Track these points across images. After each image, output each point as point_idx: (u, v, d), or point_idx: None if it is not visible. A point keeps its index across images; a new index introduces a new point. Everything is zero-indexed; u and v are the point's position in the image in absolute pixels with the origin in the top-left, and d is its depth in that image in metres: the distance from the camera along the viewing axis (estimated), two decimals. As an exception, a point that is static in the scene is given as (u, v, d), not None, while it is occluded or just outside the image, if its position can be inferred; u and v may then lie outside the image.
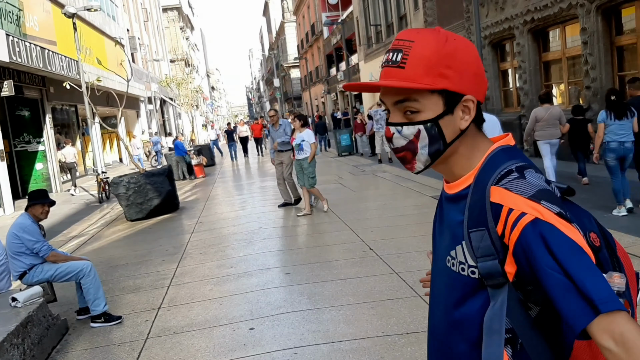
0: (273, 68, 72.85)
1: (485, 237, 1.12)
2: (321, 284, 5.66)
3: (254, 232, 8.67)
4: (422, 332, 4.20)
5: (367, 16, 28.77)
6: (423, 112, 1.17)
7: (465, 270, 1.17)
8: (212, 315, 5.11)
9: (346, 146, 22.15)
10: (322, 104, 49.31)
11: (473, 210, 1.15)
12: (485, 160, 1.19)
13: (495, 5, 14.97)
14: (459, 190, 1.22)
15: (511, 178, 1.11)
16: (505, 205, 1.09)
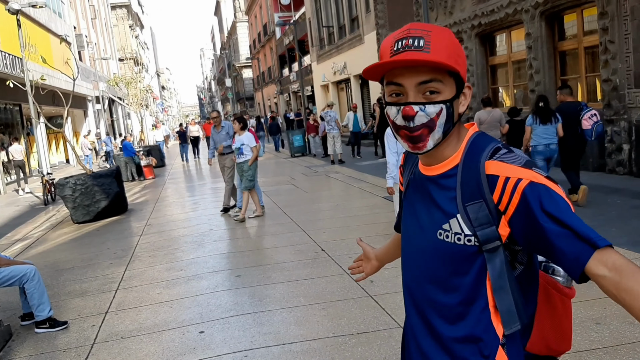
0: (225, 68, 72.23)
1: (482, 207, 1.28)
2: (272, 286, 5.65)
3: (205, 234, 8.57)
4: (372, 332, 4.24)
5: (320, 17, 28.87)
6: (443, 93, 1.31)
7: (461, 240, 1.31)
8: (161, 319, 5.03)
9: (299, 147, 22.16)
10: (275, 104, 49.22)
11: (467, 186, 1.31)
12: (468, 143, 1.36)
13: (444, 9, 15.27)
14: (446, 171, 1.36)
15: (502, 153, 1.29)
16: (501, 175, 1.25)
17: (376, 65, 1.30)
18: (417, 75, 1.28)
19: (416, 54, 1.27)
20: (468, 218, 1.30)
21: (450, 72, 1.31)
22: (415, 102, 1.30)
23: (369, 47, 21.90)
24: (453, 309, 1.37)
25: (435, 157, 1.39)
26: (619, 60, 9.50)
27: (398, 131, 1.36)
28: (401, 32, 1.32)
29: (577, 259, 1.18)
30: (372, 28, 21.13)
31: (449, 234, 1.33)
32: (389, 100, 1.36)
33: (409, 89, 1.30)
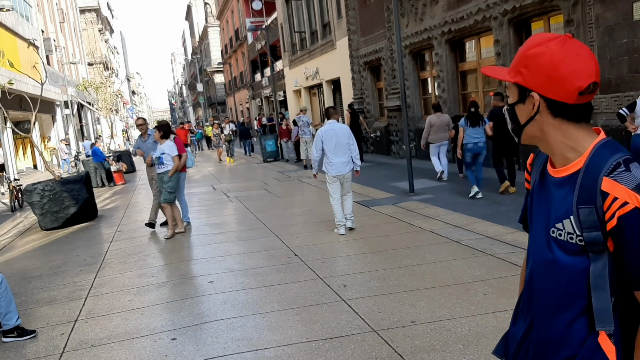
0: (196, 72, 71.75)
1: (592, 213, 1.40)
2: (245, 292, 5.63)
3: (176, 240, 8.49)
4: (345, 336, 4.26)
5: (292, 23, 28.91)
6: (510, 98, 1.57)
7: (573, 239, 1.45)
8: (132, 327, 4.97)
9: (271, 152, 22.13)
10: (247, 109, 49.05)
11: (584, 191, 1.43)
12: (592, 151, 1.46)
13: (415, 16, 15.44)
14: (569, 174, 1.49)
15: (619, 171, 1.38)
16: (611, 194, 1.37)
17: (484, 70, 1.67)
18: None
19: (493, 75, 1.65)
20: (579, 220, 1.43)
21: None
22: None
23: (340, 53, 22.01)
24: (558, 299, 1.51)
25: (554, 157, 1.55)
26: (584, 67, 9.71)
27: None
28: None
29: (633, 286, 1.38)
30: (344, 34, 21.23)
31: (561, 232, 1.48)
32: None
33: None
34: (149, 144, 9.42)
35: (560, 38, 1.46)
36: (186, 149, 9.15)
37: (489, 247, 6.31)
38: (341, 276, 5.81)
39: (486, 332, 4.10)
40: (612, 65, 9.20)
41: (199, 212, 11.13)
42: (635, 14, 8.61)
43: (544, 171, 1.61)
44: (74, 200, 10.94)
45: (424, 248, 6.62)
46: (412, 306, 4.76)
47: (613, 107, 9.12)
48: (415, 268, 5.86)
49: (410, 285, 5.31)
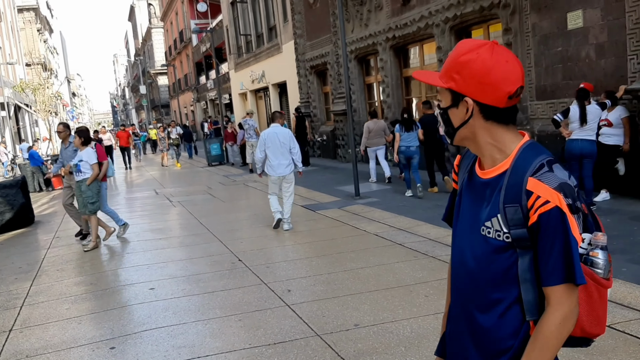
0: (139, 74, 70.29)
1: (517, 211, 1.48)
2: (187, 298, 5.53)
3: (117, 246, 8.27)
4: (289, 341, 4.23)
5: (237, 26, 28.71)
6: (442, 102, 1.61)
7: (501, 237, 1.52)
8: (70, 336, 4.80)
9: (216, 156, 21.89)
10: (192, 112, 48.37)
11: (510, 191, 1.50)
12: (518, 153, 1.54)
13: (360, 22, 15.60)
14: (496, 175, 1.56)
15: (543, 171, 1.47)
16: (535, 193, 1.45)
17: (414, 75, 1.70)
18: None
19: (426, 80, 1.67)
20: (505, 218, 1.51)
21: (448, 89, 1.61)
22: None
23: (287, 56, 22.00)
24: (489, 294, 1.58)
25: (482, 158, 1.63)
26: (522, 74, 10.03)
27: None
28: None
29: (554, 277, 1.45)
30: (290, 37, 21.24)
31: (490, 231, 1.55)
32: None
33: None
34: (70, 152, 8.80)
35: (489, 45, 1.52)
36: (107, 157, 8.71)
37: (431, 250, 6.42)
38: (285, 281, 5.79)
39: (427, 333, 4.16)
40: (548, 73, 9.54)
41: (140, 217, 10.90)
42: (569, 23, 8.96)
43: (472, 172, 1.67)
44: (9, 206, 10.52)
45: (369, 251, 6.67)
46: (355, 309, 4.78)
47: (548, 113, 9.46)
48: (359, 271, 5.89)
49: (354, 289, 5.34)
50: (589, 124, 7.57)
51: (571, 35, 8.97)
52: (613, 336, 3.79)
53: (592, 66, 8.67)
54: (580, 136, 7.65)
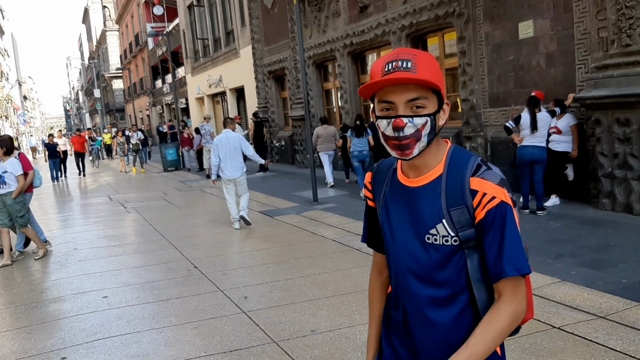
0: (93, 78, 68.80)
1: (464, 212, 1.51)
2: (141, 306, 5.41)
3: (69, 254, 8.05)
4: (245, 348, 4.20)
5: (194, 30, 28.46)
6: (427, 108, 1.51)
7: (448, 241, 1.53)
8: (19, 347, 4.63)
9: (172, 161, 21.59)
10: (147, 116, 47.61)
11: (452, 195, 1.52)
12: (449, 156, 1.57)
13: (318, 28, 15.66)
14: (431, 181, 1.56)
15: (483, 170, 1.52)
16: (480, 191, 1.49)
17: (371, 84, 1.51)
18: (407, 93, 1.49)
19: (405, 74, 1.46)
20: (452, 221, 1.51)
21: (433, 90, 1.52)
22: (404, 115, 1.50)
23: (244, 61, 21.90)
24: (443, 301, 1.58)
25: (419, 168, 1.59)
26: (475, 82, 10.26)
27: (387, 141, 1.55)
28: (391, 55, 1.51)
29: (503, 269, 1.48)
30: (248, 42, 21.16)
31: (437, 237, 1.54)
32: (380, 114, 1.54)
33: (399, 105, 1.50)
34: None
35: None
36: (33, 168, 8.10)
37: (387, 255, 6.45)
38: (242, 288, 5.74)
39: (384, 338, 4.18)
40: (500, 81, 9.77)
41: (94, 224, 10.65)
42: (520, 33, 9.21)
43: (396, 184, 1.65)
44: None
45: (326, 257, 6.68)
46: (312, 315, 4.78)
47: (501, 120, 9.68)
48: (317, 277, 5.89)
49: (311, 295, 5.34)
50: (539, 131, 7.78)
51: (522, 45, 9.22)
52: (562, 338, 3.89)
53: (543, 75, 8.92)
54: (531, 143, 7.85)
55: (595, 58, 7.94)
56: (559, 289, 4.85)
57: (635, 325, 3.95)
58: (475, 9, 10.03)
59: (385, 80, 1.48)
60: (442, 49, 11.65)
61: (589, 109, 7.91)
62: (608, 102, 7.49)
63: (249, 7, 20.33)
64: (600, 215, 7.51)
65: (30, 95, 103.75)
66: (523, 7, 9.09)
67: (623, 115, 7.37)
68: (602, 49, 7.81)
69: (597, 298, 4.54)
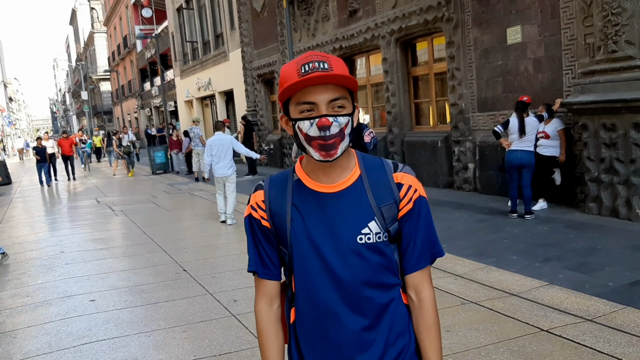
0: (81, 80, 68.35)
1: (393, 207, 1.56)
2: (129, 310, 5.38)
3: (55, 257, 7.99)
4: (234, 352, 4.19)
5: (183, 32, 28.38)
6: (346, 108, 1.51)
7: (381, 238, 1.54)
8: (4, 351, 4.59)
9: (161, 164, 21.49)
10: (136, 119, 47.38)
11: (378, 191, 1.56)
12: (358, 159, 1.61)
13: (307, 32, 15.68)
14: (351, 184, 1.56)
15: (401, 166, 1.61)
16: (405, 184, 1.57)
17: (295, 83, 1.46)
18: (328, 93, 1.47)
19: (329, 72, 1.45)
20: (383, 217, 1.54)
21: (348, 92, 1.52)
22: (330, 114, 1.47)
23: (234, 64, 21.88)
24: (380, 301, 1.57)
25: (334, 172, 1.57)
26: (464, 86, 10.32)
27: (311, 142, 1.49)
28: (304, 58, 1.49)
29: (422, 260, 1.60)
30: (237, 45, 21.14)
31: (370, 236, 1.53)
32: (300, 116, 1.50)
33: (322, 105, 1.47)
34: None
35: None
36: None
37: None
38: (231, 291, 5.72)
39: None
40: (488, 86, 9.84)
41: (81, 227, 10.57)
42: (508, 38, 9.28)
43: (306, 193, 1.58)
44: (-62, 215, 9.96)
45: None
46: (302, 319, 4.76)
47: (489, 125, 9.75)
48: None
49: (300, 298, 5.32)
50: (527, 136, 7.84)
51: (510, 50, 9.29)
52: (551, 340, 3.92)
53: (530, 80, 9.00)
54: (519, 147, 7.91)
55: (582, 64, 8.02)
56: (547, 292, 4.89)
57: (622, 328, 3.99)
58: (464, 14, 10.10)
59: (309, 79, 1.44)
60: (431, 54, 11.71)
61: (576, 114, 7.99)
62: (594, 107, 7.56)
63: (239, 11, 20.32)
64: (587, 219, 7.57)
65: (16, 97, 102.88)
66: (511, 12, 9.17)
67: (609, 121, 7.44)
68: (589, 55, 7.90)
69: (584, 301, 4.58)
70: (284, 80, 1.50)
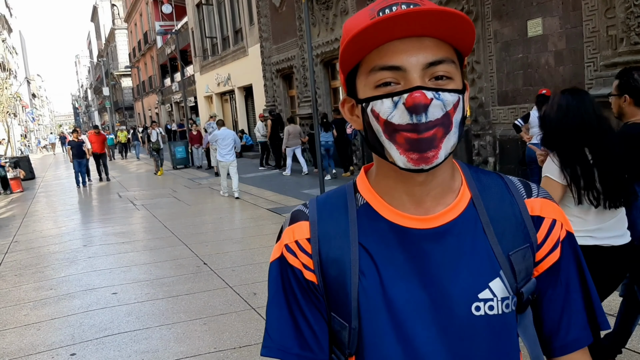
0: (102, 76, 69.11)
1: (527, 255, 0.96)
2: (151, 303, 5.46)
3: (78, 251, 8.12)
4: (254, 344, 4.23)
5: (203, 28, 28.52)
6: (454, 80, 0.90)
7: (509, 306, 0.95)
8: (28, 343, 4.69)
9: (181, 159, 21.66)
10: (156, 114, 47.78)
11: (505, 228, 0.96)
12: (466, 172, 1.01)
13: (326, 26, 15.67)
14: (457, 217, 0.96)
15: (537, 187, 1.01)
16: (547, 217, 0.98)
17: (362, 30, 0.84)
18: (424, 52, 0.87)
19: (421, 9, 0.83)
20: (512, 272, 0.95)
21: (458, 54, 0.93)
22: (428, 86, 0.87)
23: (253, 59, 21.94)
24: None
25: (429, 194, 0.95)
26: (484, 80, 10.24)
27: (394, 136, 0.89)
28: (384, 2, 0.90)
29: (580, 339, 1.00)
30: (256, 41, 21.19)
31: (493, 304, 0.93)
32: (374, 93, 0.90)
33: (413, 71, 0.87)
34: None
35: None
36: None
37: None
38: (251, 284, 5.77)
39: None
40: (509, 79, 9.74)
41: (103, 221, 10.72)
42: (529, 31, 9.18)
43: (383, 229, 0.96)
44: (-36, 210, 10.11)
45: (334, 254, 6.69)
46: (320, 312, 4.79)
47: (510, 118, 9.66)
48: (324, 274, 5.90)
49: (319, 292, 5.35)
50: (548, 129, 7.76)
51: (531, 43, 9.19)
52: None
53: (551, 73, 8.89)
54: (540, 141, 7.83)
55: (604, 56, 7.91)
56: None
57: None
58: (484, 7, 10.00)
59: (390, 18, 0.83)
60: (450, 47, 11.63)
61: (598, 107, 7.88)
62: (617, 100, 7.45)
63: (257, 6, 20.36)
64: (609, 214, 7.47)
65: (39, 93, 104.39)
66: (532, 5, 9.06)
67: (632, 114, 7.33)
68: (611, 47, 7.78)
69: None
70: (348, 32, 0.91)
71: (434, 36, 0.87)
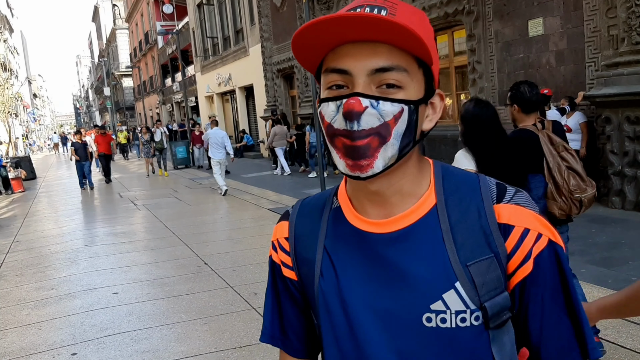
0: (103, 76, 69.14)
1: (492, 266, 0.88)
2: (151, 302, 5.46)
3: (79, 251, 8.12)
4: (255, 344, 4.22)
5: (204, 28, 28.53)
6: (406, 89, 0.86)
7: (467, 320, 0.88)
8: (29, 342, 4.69)
9: (182, 159, 21.68)
10: (157, 114, 47.79)
11: (466, 236, 0.89)
12: (438, 177, 0.94)
13: (326, 26, 15.68)
14: (415, 222, 0.92)
15: (511, 193, 0.92)
16: (518, 225, 0.89)
17: (306, 26, 0.85)
18: (373, 58, 0.85)
19: (375, 15, 0.80)
20: (472, 284, 0.88)
21: (419, 62, 0.88)
22: (365, 93, 0.85)
23: (254, 59, 21.94)
24: None
25: (388, 200, 0.93)
26: (485, 80, 10.24)
27: (334, 140, 0.89)
28: (354, 3, 0.89)
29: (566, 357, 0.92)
30: (257, 41, 21.20)
31: (446, 317, 0.88)
32: (325, 95, 0.90)
33: (358, 76, 0.86)
34: None
35: None
36: None
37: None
38: (252, 284, 5.77)
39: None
40: (510, 79, 9.73)
41: (104, 221, 10.73)
42: (530, 31, 9.17)
43: (344, 231, 0.97)
44: (-34, 210, 10.11)
45: (334, 254, 6.68)
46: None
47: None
48: (325, 274, 5.90)
49: (320, 292, 5.35)
50: (549, 129, 7.76)
51: (532, 42, 9.19)
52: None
53: (553, 72, 8.89)
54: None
55: (605, 56, 7.90)
56: (568, 286, 4.84)
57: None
58: (485, 6, 10.00)
59: (334, 19, 0.82)
60: (451, 47, 11.62)
61: (599, 107, 7.88)
62: (618, 100, 7.45)
63: (258, 6, 20.36)
64: (610, 214, 7.47)
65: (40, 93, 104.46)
66: (533, 4, 9.06)
67: (633, 114, 7.33)
68: (612, 47, 7.77)
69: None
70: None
71: (387, 42, 0.84)
